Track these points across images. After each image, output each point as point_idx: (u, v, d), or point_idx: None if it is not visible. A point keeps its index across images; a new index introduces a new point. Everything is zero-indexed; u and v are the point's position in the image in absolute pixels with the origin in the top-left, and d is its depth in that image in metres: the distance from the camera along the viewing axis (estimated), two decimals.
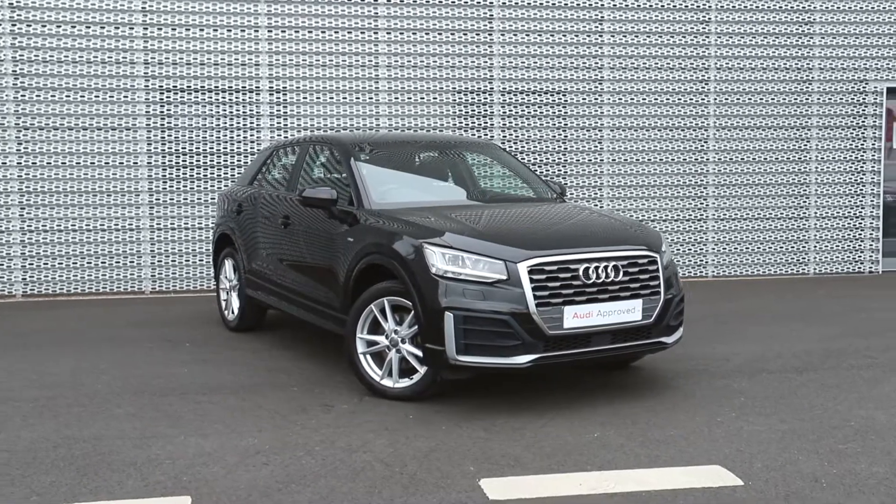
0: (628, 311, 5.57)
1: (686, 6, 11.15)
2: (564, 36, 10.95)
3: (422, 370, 5.60)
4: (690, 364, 6.65)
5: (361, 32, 10.59)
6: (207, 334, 7.95)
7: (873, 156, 11.70)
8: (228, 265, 8.11)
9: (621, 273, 5.56)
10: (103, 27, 10.11)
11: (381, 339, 5.78)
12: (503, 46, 10.85)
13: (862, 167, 11.70)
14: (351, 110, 10.63)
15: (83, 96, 10.11)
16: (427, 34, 10.69)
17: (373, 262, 5.85)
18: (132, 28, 10.18)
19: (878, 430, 5.09)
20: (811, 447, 4.78)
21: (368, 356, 5.85)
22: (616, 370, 6.49)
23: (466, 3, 10.74)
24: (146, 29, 10.20)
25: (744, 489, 4.18)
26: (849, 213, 11.71)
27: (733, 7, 11.24)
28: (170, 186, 10.40)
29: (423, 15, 10.66)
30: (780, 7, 11.33)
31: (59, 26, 10.01)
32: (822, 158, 11.61)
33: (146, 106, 10.27)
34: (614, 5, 11.01)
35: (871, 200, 11.75)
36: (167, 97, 10.30)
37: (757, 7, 11.29)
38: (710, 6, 11.20)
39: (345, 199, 6.42)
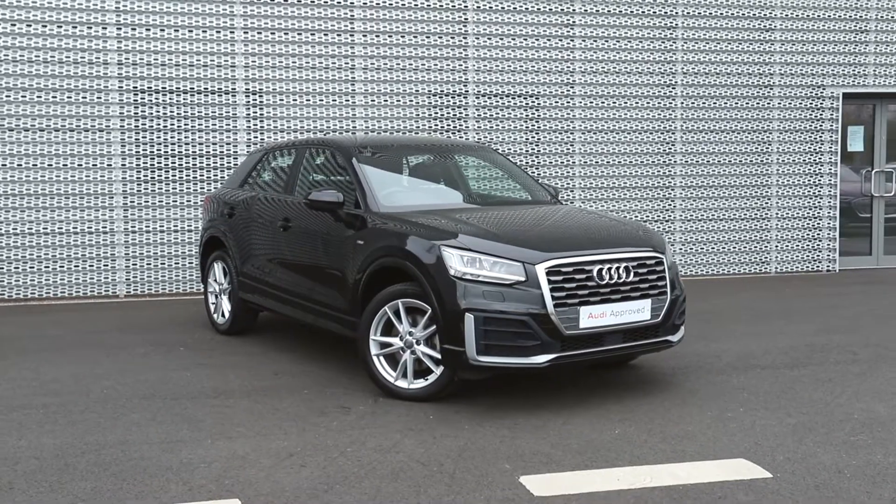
0: (638, 311, 5.73)
1: (654, 12, 11.42)
2: (537, 40, 11.12)
3: (437, 371, 5.69)
4: (684, 361, 6.85)
5: (338, 35, 10.61)
6: (199, 338, 7.90)
7: (830, 158, 12.13)
8: (218, 268, 8.07)
9: (632, 274, 5.72)
10: (76, 27, 9.96)
11: (394, 340, 5.85)
12: (477, 50, 10.98)
13: (819, 169, 12.12)
14: (327, 112, 10.65)
15: (55, 97, 9.95)
16: (402, 37, 10.76)
17: (386, 264, 5.91)
18: (105, 28, 10.04)
19: (881, 422, 5.33)
20: (824, 440, 4.99)
21: (382, 358, 5.91)
22: (615, 369, 6.66)
23: (442, 6, 10.84)
24: (120, 29, 10.08)
25: (774, 481, 4.36)
26: (807, 213, 12.12)
27: (699, 14, 11.54)
28: (144, 189, 10.28)
29: (399, 18, 10.72)
30: (743, 14, 11.68)
31: (30, 25, 9.83)
32: (783, 161, 12.00)
33: (120, 107, 10.14)
34: (585, 10, 11.22)
35: (829, 202, 12.18)
36: (141, 98, 10.19)
37: (721, 14, 11.61)
38: (676, 13, 11.48)
39: (350, 202, 6.47)
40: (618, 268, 5.66)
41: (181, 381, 6.36)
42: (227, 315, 7.97)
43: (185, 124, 10.33)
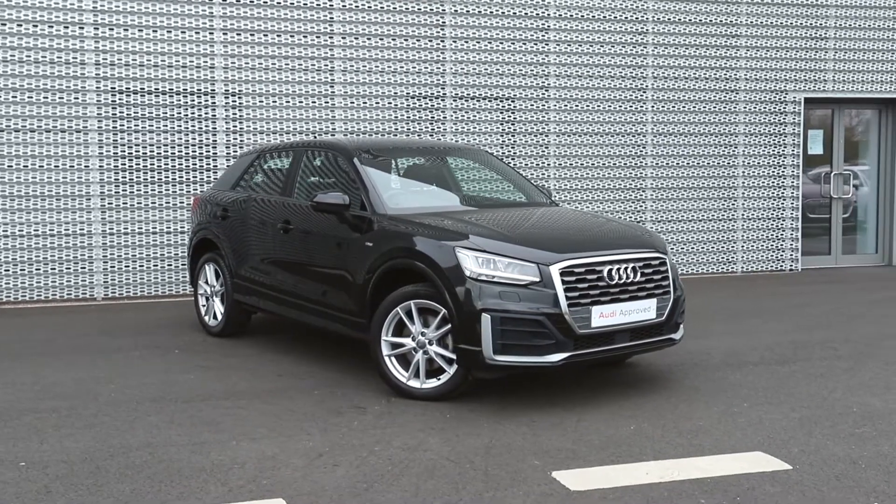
0: (645, 310, 5.91)
1: (626, 18, 11.66)
2: (513, 44, 11.28)
3: (450, 371, 5.78)
4: (677, 359, 7.04)
5: (317, 37, 10.64)
6: (191, 340, 7.88)
7: (793, 161, 12.51)
8: (210, 270, 8.05)
9: (638, 274, 5.89)
10: (52, 26, 9.83)
11: (406, 341, 5.93)
12: (455, 53, 11.09)
13: (783, 172, 12.50)
14: (307, 114, 10.66)
15: (31, 97, 9.81)
16: (381, 39, 10.83)
17: (398, 266, 5.99)
18: (82, 27, 9.93)
19: (880, 414, 5.57)
20: (831, 432, 5.21)
21: (393, 358, 5.99)
22: (614, 368, 6.82)
23: (420, 10, 10.93)
24: (97, 29, 9.97)
25: (795, 472, 4.55)
26: (771, 214, 12.48)
27: (668, 20, 11.82)
28: (122, 190, 10.19)
29: (378, 21, 10.79)
30: (710, 21, 11.99)
31: (5, 24, 9.68)
32: (748, 164, 12.34)
33: (97, 108, 10.04)
34: (559, 16, 11.41)
35: (791, 203, 12.56)
36: (119, 99, 10.10)
37: (689, 20, 11.91)
38: (647, 18, 11.74)
39: (356, 204, 6.53)
40: (626, 268, 5.83)
41: (187, 384, 6.36)
42: (219, 317, 7.96)
43: (164, 125, 10.25)
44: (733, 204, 12.32)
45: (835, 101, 12.82)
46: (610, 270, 5.76)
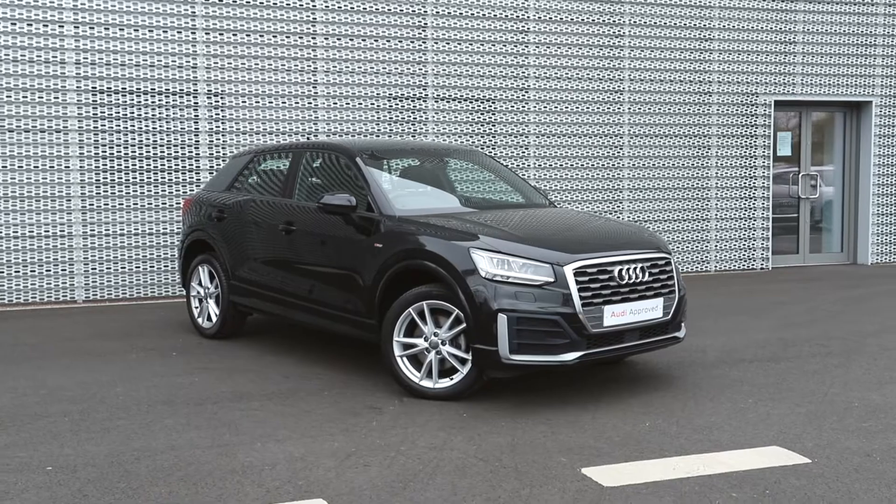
0: (653, 309, 6.03)
1: (603, 21, 11.82)
2: (493, 46, 11.37)
3: (463, 370, 5.84)
4: (675, 357, 7.18)
5: (300, 37, 10.62)
6: (186, 343, 7.83)
7: (763, 162, 12.80)
8: (204, 272, 8.01)
9: (646, 274, 6.02)
10: (31, 24, 9.68)
11: (418, 341, 5.97)
12: (436, 55, 11.15)
13: (754, 172, 12.78)
14: (290, 115, 10.64)
15: (10, 97, 9.65)
16: (364, 41, 10.85)
17: (410, 267, 6.03)
18: (62, 26, 9.79)
19: (881, 408, 5.76)
20: (838, 426, 5.38)
21: (405, 358, 6.03)
22: (614, 366, 6.94)
23: (402, 11, 10.97)
24: (77, 27, 9.84)
25: (815, 465, 4.69)
26: (743, 214, 12.75)
27: (644, 23, 12.02)
28: (103, 191, 10.06)
29: (360, 22, 10.80)
30: (684, 25, 12.21)
31: None
32: (721, 165, 12.60)
33: (78, 107, 9.91)
34: (539, 18, 11.53)
35: (762, 203, 12.84)
36: (100, 99, 9.97)
37: (665, 24, 12.11)
38: (623, 21, 11.93)
39: (362, 206, 6.55)
40: (635, 268, 5.94)
41: (194, 387, 6.33)
42: (214, 319, 7.92)
43: (146, 125, 10.15)
44: (707, 204, 12.56)
45: (803, 103, 13.14)
46: (620, 270, 5.87)
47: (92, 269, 10.07)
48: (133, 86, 10.05)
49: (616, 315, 5.81)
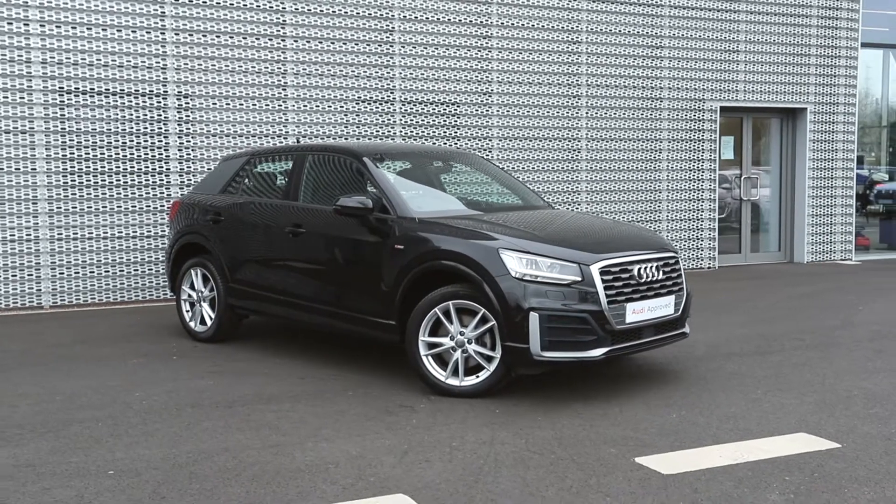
0: (666, 306, 6.30)
1: (562, 27, 12.14)
2: (458, 51, 11.55)
3: (490, 368, 6.00)
4: (670, 352, 7.46)
5: (270, 39, 10.58)
6: (182, 346, 7.76)
7: (710, 165, 13.32)
8: (197, 276, 7.94)
9: (661, 273, 6.28)
10: None
11: (444, 340, 6.10)
12: (403, 58, 11.26)
13: (701, 175, 13.28)
14: (259, 117, 10.59)
15: None
16: (332, 43, 10.88)
17: (435, 268, 6.14)
18: (28, 24, 9.54)
19: (880, 396, 6.15)
20: (851, 413, 5.73)
21: (430, 357, 6.15)
22: (615, 364, 7.18)
23: (370, 15, 11.04)
24: (43, 26, 9.60)
25: (848, 450, 5.01)
26: (691, 216, 13.25)
27: (600, 31, 12.38)
28: (71, 194, 9.83)
29: (329, 25, 10.83)
30: (637, 32, 12.63)
31: None
32: (672, 167, 13.06)
33: (44, 108, 9.66)
34: (501, 24, 11.77)
35: (709, 205, 13.37)
36: (67, 99, 9.75)
37: (619, 31, 12.51)
38: (581, 28, 12.26)
39: (376, 208, 6.62)
40: (651, 267, 6.20)
41: (213, 390, 6.30)
42: (209, 323, 7.86)
43: (114, 127, 9.96)
44: (658, 206, 13.01)
45: (745, 109, 13.73)
46: (639, 269, 6.12)
47: (59, 273, 9.82)
48: (101, 86, 9.85)
49: (636, 312, 6.05)
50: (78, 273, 9.90)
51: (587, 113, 12.40)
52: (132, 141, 10.04)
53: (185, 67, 10.19)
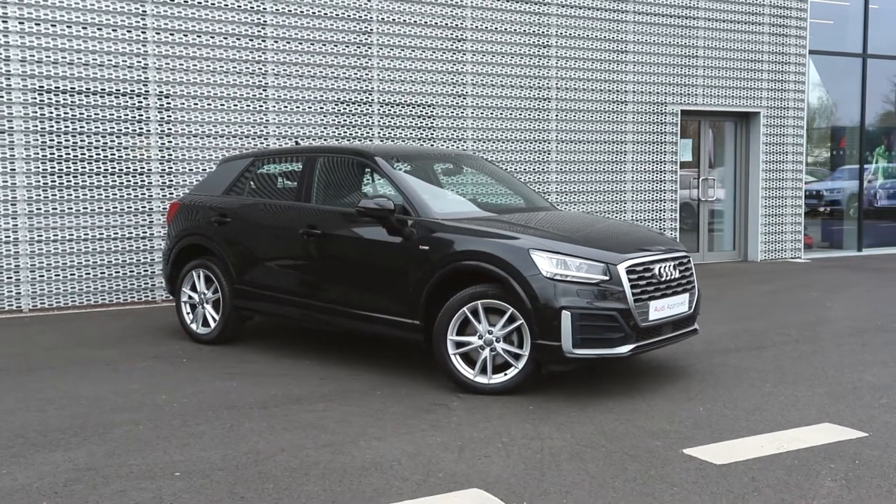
0: (682, 304, 6.54)
1: (532, 31, 12.36)
2: (433, 53, 11.66)
3: (518, 366, 6.13)
4: (668, 349, 7.69)
5: (250, 40, 10.53)
6: (187, 349, 7.70)
7: (672, 167, 13.72)
8: (199, 277, 7.88)
9: (677, 272, 6.52)
10: None
11: (472, 339, 6.21)
12: (381, 60, 11.32)
13: (663, 177, 13.66)
14: (240, 117, 10.53)
15: None
16: (312, 45, 10.88)
17: (462, 268, 6.25)
18: (6, 21, 9.31)
19: (884, 387, 6.48)
20: (864, 404, 6.03)
21: (458, 356, 6.26)
22: (617, 361, 7.37)
23: (349, 17, 11.07)
24: (22, 23, 9.38)
25: (877, 437, 5.29)
26: (654, 216, 13.61)
27: (569, 35, 12.64)
28: (51, 195, 9.63)
29: (309, 26, 10.83)
30: (603, 37, 12.94)
31: None
32: (636, 169, 13.41)
33: (23, 107, 9.44)
34: (475, 27, 11.92)
35: (671, 206, 13.76)
36: (47, 98, 9.54)
37: (586, 36, 12.80)
38: (550, 33, 12.50)
39: (398, 209, 6.70)
40: (669, 266, 6.43)
41: (240, 392, 6.29)
42: (212, 325, 7.81)
43: (95, 127, 9.79)
44: (624, 207, 13.33)
45: (703, 113, 14.17)
46: (660, 268, 6.33)
47: (39, 276, 9.61)
48: (81, 85, 9.67)
49: (658, 310, 6.27)
50: (58, 276, 9.69)
51: (557, 116, 12.65)
52: (113, 141, 9.88)
53: (166, 67, 10.07)
